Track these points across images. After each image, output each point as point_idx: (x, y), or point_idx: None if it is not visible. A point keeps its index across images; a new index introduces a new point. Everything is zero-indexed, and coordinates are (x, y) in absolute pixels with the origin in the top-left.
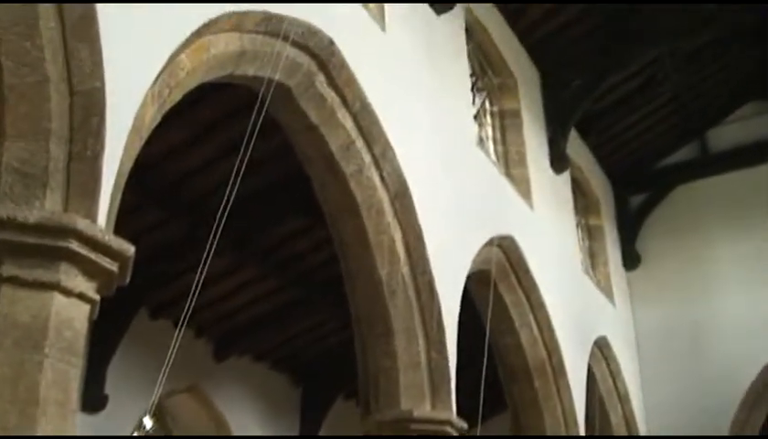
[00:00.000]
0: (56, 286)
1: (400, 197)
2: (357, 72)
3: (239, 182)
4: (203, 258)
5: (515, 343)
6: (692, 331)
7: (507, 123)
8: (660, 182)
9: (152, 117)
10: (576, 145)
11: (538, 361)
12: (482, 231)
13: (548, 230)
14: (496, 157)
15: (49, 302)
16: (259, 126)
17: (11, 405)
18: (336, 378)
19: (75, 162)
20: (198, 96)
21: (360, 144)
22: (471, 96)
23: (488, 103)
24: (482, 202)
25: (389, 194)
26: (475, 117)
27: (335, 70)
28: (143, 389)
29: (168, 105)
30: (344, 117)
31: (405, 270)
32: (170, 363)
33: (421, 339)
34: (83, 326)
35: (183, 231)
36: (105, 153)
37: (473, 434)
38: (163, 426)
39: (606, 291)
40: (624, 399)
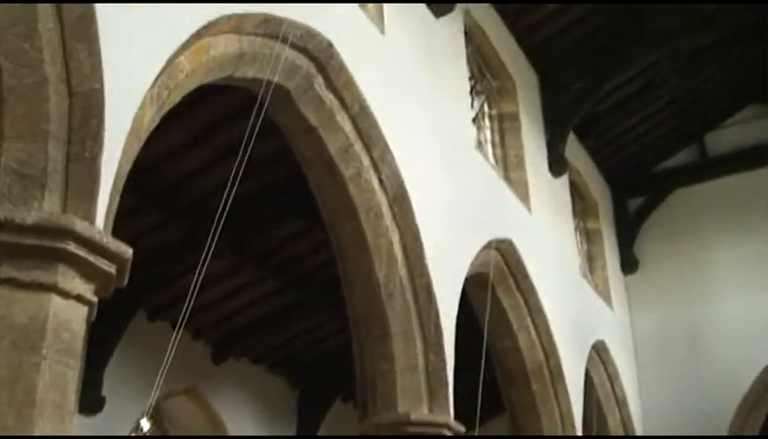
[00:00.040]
0: (53, 288)
1: (399, 199)
2: (356, 75)
3: (237, 184)
4: (201, 260)
5: (512, 346)
6: (690, 335)
7: (506, 127)
8: (658, 185)
9: (151, 119)
10: (574, 149)
11: (535, 364)
12: (480, 234)
13: (546, 233)
14: (495, 160)
15: (47, 303)
16: (258, 128)
17: (8, 407)
18: (334, 380)
19: (73, 163)
20: (197, 98)
21: (359, 147)
22: (470, 99)
23: (487, 106)
24: (480, 205)
25: (387, 197)
26: (474, 120)
27: (333, 73)
28: (140, 391)
29: (167, 107)
30: (343, 120)
31: (403, 272)
32: (168, 365)
33: (418, 342)
34: (81, 328)
35: (181, 233)
36: (104, 154)
37: (470, 437)
38: (160, 428)
39: (604, 294)
40: (622, 402)
